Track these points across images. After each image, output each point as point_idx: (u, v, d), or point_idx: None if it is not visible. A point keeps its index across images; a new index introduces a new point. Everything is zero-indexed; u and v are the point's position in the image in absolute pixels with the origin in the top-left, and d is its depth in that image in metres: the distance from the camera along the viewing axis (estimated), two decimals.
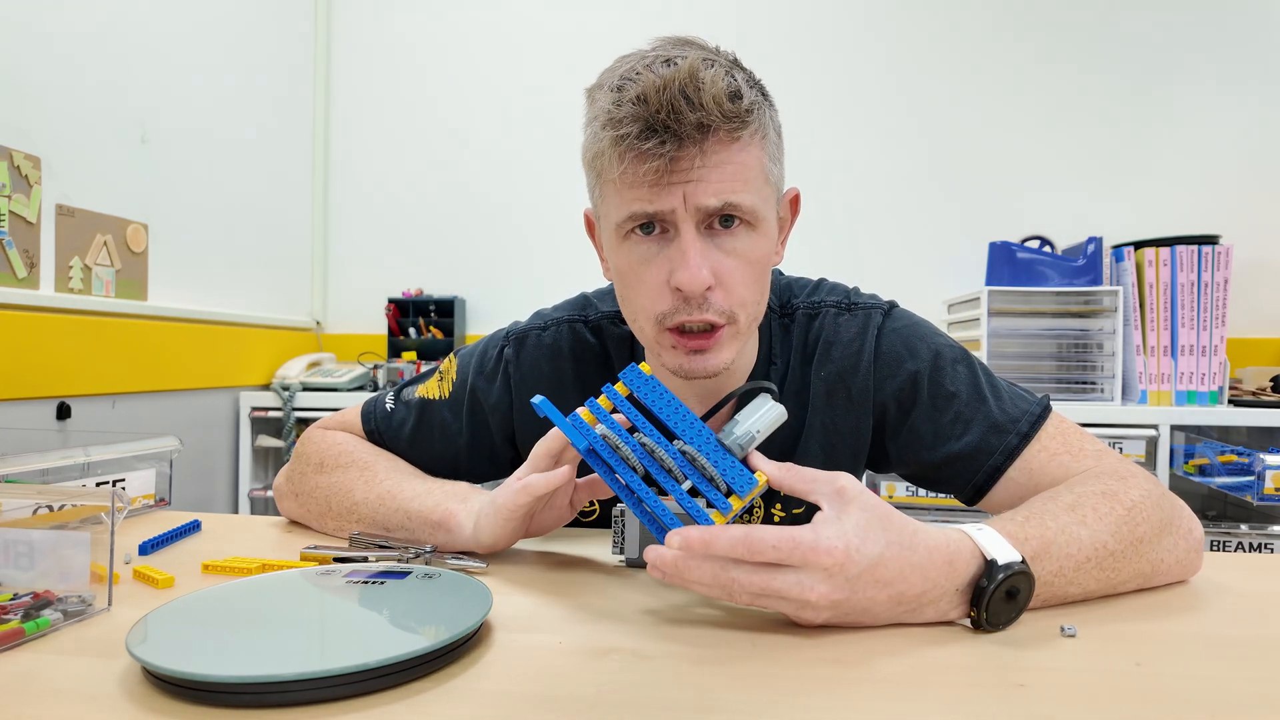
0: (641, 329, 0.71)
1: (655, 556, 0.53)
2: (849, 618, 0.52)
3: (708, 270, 0.65)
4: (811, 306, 0.81)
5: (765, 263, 0.70)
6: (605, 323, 0.84)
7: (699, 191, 0.63)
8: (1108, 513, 0.60)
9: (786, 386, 0.80)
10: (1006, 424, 0.73)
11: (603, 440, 0.59)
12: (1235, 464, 1.73)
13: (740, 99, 0.63)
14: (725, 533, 0.50)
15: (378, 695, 0.42)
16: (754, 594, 0.51)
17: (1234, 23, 2.16)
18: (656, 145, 0.61)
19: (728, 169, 0.64)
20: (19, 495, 0.71)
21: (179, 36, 1.90)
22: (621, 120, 0.62)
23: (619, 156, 0.63)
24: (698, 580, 0.52)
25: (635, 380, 0.59)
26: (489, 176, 2.44)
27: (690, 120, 0.61)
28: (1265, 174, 2.15)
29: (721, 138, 0.63)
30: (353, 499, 0.77)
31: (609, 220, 0.69)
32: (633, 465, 0.59)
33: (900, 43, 2.31)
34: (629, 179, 0.64)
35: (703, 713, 0.41)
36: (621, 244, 0.69)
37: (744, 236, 0.67)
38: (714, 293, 0.66)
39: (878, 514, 0.52)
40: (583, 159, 0.70)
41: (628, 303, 0.72)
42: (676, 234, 0.65)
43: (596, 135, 0.65)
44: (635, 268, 0.68)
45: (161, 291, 1.85)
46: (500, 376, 0.84)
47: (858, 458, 0.81)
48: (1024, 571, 0.52)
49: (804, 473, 0.55)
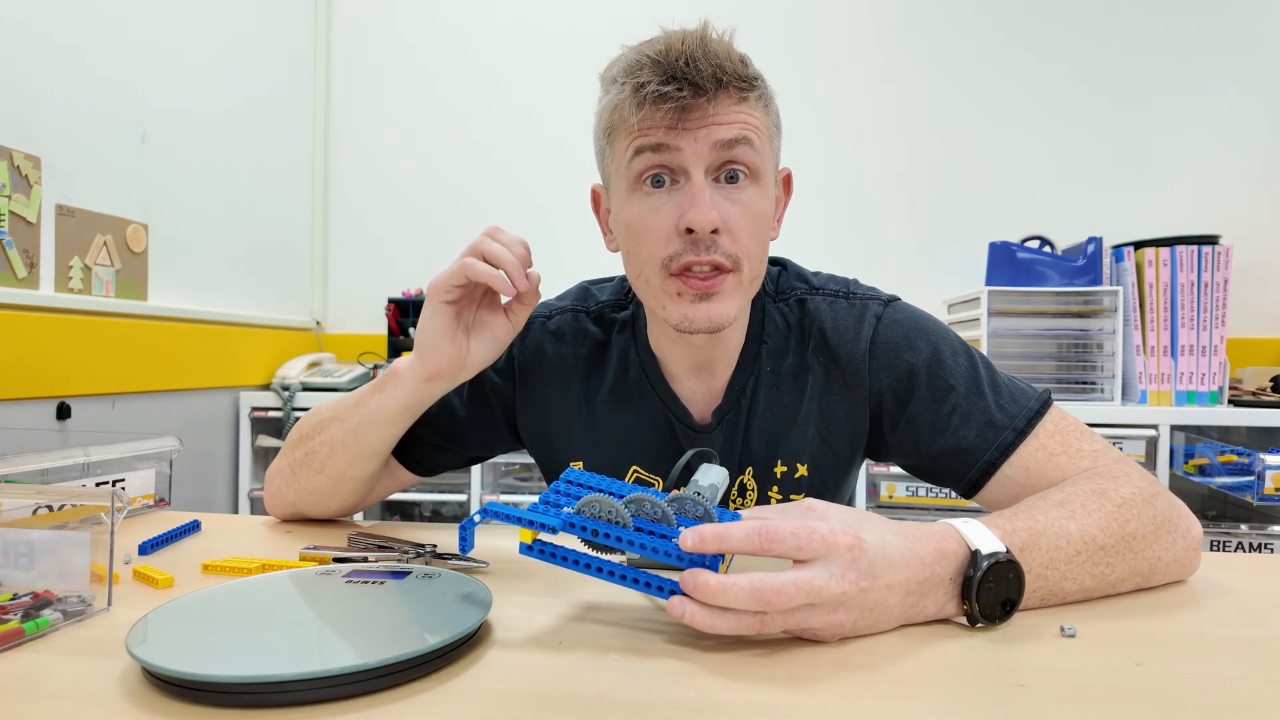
0: (648, 280, 0.73)
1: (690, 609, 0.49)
2: (868, 615, 0.50)
3: (716, 211, 0.69)
4: (808, 291, 0.83)
5: (767, 219, 0.74)
6: (606, 310, 0.86)
7: (711, 133, 0.68)
8: (1096, 509, 0.60)
9: (784, 368, 0.81)
10: (1004, 420, 0.73)
11: (577, 510, 0.54)
12: (1235, 464, 1.73)
13: (748, 65, 0.70)
14: (740, 526, 0.50)
15: (378, 695, 0.42)
16: (791, 600, 0.47)
17: (1234, 23, 2.16)
18: (674, 90, 0.66)
19: (737, 118, 0.69)
20: (19, 495, 0.71)
21: (179, 36, 1.90)
22: (642, 69, 0.68)
23: (638, 104, 0.68)
24: (737, 603, 0.47)
25: (580, 476, 0.62)
26: (489, 176, 2.44)
27: (706, 71, 0.66)
28: (1265, 174, 2.15)
29: (732, 93, 0.68)
30: (323, 424, 0.81)
31: (620, 177, 0.73)
32: (619, 520, 0.53)
33: (901, 42, 2.31)
34: (646, 122, 0.69)
35: (703, 713, 0.41)
36: (631, 196, 0.72)
37: (749, 189, 0.71)
38: (721, 237, 0.70)
39: (855, 513, 0.54)
40: (595, 128, 0.76)
41: (634, 255, 0.74)
42: (687, 181, 0.69)
43: (616, 93, 0.70)
44: (644, 217, 0.71)
45: (161, 291, 1.85)
46: (504, 358, 0.86)
47: (856, 446, 0.81)
48: (1010, 561, 0.52)
49: (768, 510, 0.56)
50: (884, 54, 2.31)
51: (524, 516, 0.54)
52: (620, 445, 0.84)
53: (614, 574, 0.53)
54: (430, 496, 2.16)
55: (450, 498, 2.12)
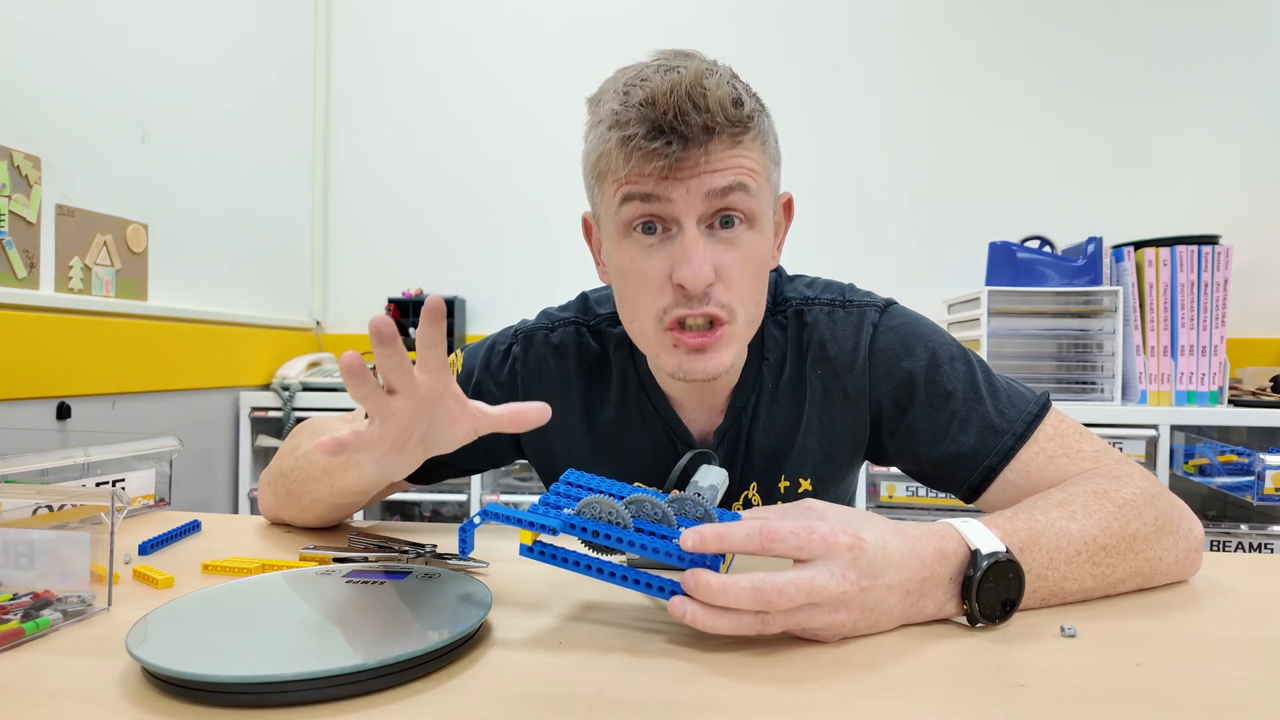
0: (642, 329, 0.71)
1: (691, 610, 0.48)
2: (869, 615, 0.50)
3: (710, 266, 0.66)
4: (804, 303, 0.81)
5: (764, 264, 0.71)
6: (604, 325, 0.85)
7: (703, 183, 0.65)
8: (1097, 509, 0.60)
9: (783, 383, 0.80)
10: (1003, 425, 0.73)
11: (577, 512, 0.54)
12: (1235, 464, 1.73)
13: (742, 106, 0.65)
14: (740, 526, 0.50)
15: (378, 695, 0.42)
16: (792, 599, 0.47)
17: (1234, 23, 2.16)
18: (663, 145, 0.63)
19: (731, 164, 0.65)
20: (19, 495, 0.70)
21: (179, 36, 1.90)
22: (629, 121, 0.64)
23: (625, 156, 0.64)
24: (738, 602, 0.47)
25: (579, 478, 0.62)
26: (489, 176, 2.44)
27: (696, 123, 0.62)
28: (1265, 174, 2.15)
29: (725, 140, 0.65)
30: (306, 480, 0.78)
31: (610, 220, 0.70)
32: (619, 520, 0.53)
33: (901, 42, 2.31)
34: (634, 177, 0.65)
35: (703, 713, 0.41)
36: (622, 242, 0.69)
37: (744, 235, 0.68)
38: (715, 288, 0.67)
39: (855, 513, 0.54)
40: (584, 164, 0.72)
41: (627, 302, 0.72)
42: (679, 231, 0.66)
43: (602, 137, 0.66)
44: (637, 264, 0.68)
45: (161, 291, 1.85)
46: (507, 372, 0.85)
47: (856, 454, 0.81)
48: (1010, 560, 0.53)
49: (769, 510, 0.56)
50: (884, 54, 2.31)
51: (524, 518, 0.54)
52: (622, 465, 0.83)
53: (614, 575, 0.53)
54: (430, 496, 2.16)
55: (450, 497, 2.12)
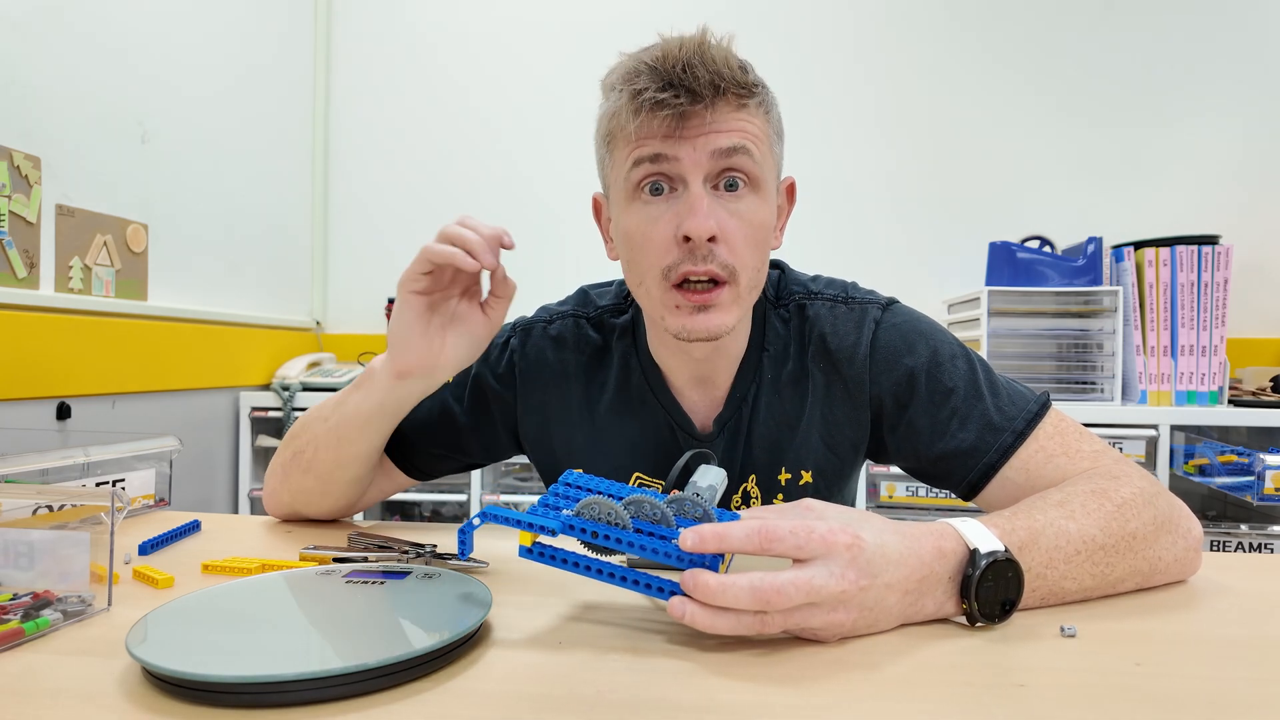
0: (648, 290, 0.73)
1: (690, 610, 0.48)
2: (868, 615, 0.50)
3: (714, 220, 0.68)
4: (807, 296, 0.82)
5: (767, 229, 0.73)
6: (605, 316, 0.86)
7: (709, 141, 0.67)
8: (1096, 509, 0.60)
9: (785, 375, 0.81)
10: (1002, 423, 0.73)
11: (576, 513, 0.54)
12: (1235, 464, 1.73)
13: (748, 71, 0.69)
14: (739, 526, 0.50)
15: (378, 695, 0.42)
16: (790, 599, 0.47)
17: (1233, 23, 2.16)
18: (671, 97, 0.65)
19: (736, 126, 0.68)
20: (19, 495, 0.70)
21: (179, 37, 1.90)
22: (639, 76, 0.67)
23: (635, 111, 0.67)
24: (737, 603, 0.47)
25: (579, 479, 0.62)
26: (489, 176, 2.44)
27: (704, 78, 0.65)
28: (1265, 175, 2.15)
29: (730, 100, 0.68)
30: (308, 423, 0.82)
31: (619, 186, 0.72)
32: (618, 521, 0.53)
33: (900, 42, 2.31)
34: (644, 131, 0.68)
35: (703, 713, 0.41)
36: (630, 205, 0.71)
37: (748, 199, 0.70)
38: (718, 245, 0.69)
39: (854, 512, 0.54)
40: (596, 135, 0.75)
41: (634, 264, 0.73)
42: (685, 189, 0.69)
43: (614, 100, 0.69)
44: (643, 226, 0.70)
45: (161, 291, 1.85)
46: (505, 365, 0.86)
47: (858, 449, 0.82)
48: (1009, 559, 0.53)
49: (767, 510, 0.57)
50: (884, 54, 2.31)
51: (523, 519, 0.54)
52: (622, 453, 0.83)
53: (613, 575, 0.53)
54: (430, 496, 2.16)
55: (450, 498, 2.12)
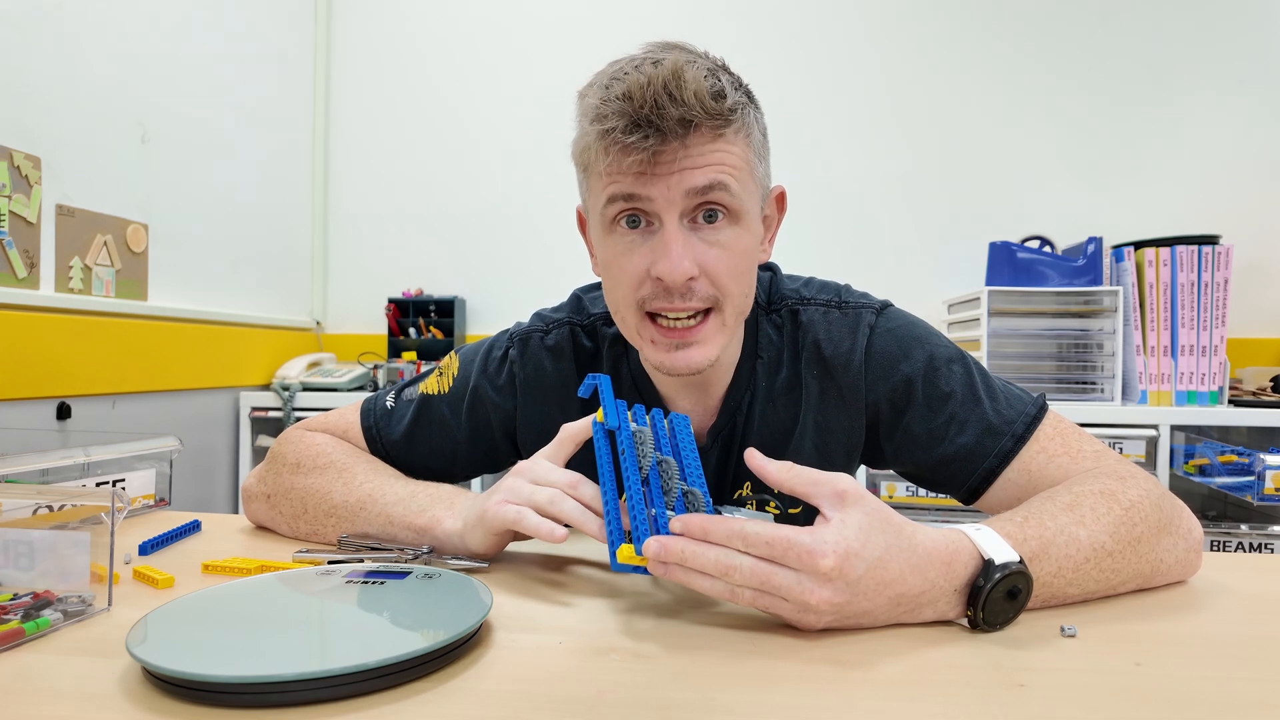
0: (624, 319, 0.72)
1: (659, 547, 0.52)
2: (849, 620, 0.52)
3: (690, 261, 0.66)
4: (800, 302, 0.81)
5: (750, 258, 0.71)
6: (598, 324, 0.85)
7: (683, 180, 0.65)
8: (1105, 513, 0.60)
9: (779, 383, 0.80)
10: (1001, 426, 0.73)
11: (633, 436, 0.62)
12: (1235, 464, 1.73)
13: (723, 98, 0.65)
14: (724, 523, 0.51)
15: (378, 695, 0.42)
16: (756, 588, 0.50)
17: (1233, 23, 2.16)
18: (640, 139, 0.63)
19: (711, 159, 0.65)
20: (19, 495, 0.70)
21: (179, 36, 1.90)
22: (607, 115, 0.64)
23: (604, 150, 0.65)
24: (700, 566, 0.51)
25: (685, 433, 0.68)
26: (489, 176, 2.44)
27: (673, 115, 0.62)
28: (1265, 175, 2.15)
29: (704, 133, 0.64)
30: (331, 501, 0.76)
31: (596, 213, 0.71)
32: (641, 467, 0.60)
33: (899, 41, 2.31)
34: (614, 171, 0.66)
35: (703, 713, 0.41)
36: (607, 236, 0.70)
37: (727, 230, 0.68)
38: (698, 282, 0.67)
39: (878, 516, 0.52)
40: (572, 155, 0.73)
41: (611, 294, 0.73)
42: (660, 227, 0.67)
43: (584, 131, 0.67)
44: (619, 258, 0.69)
45: (161, 291, 1.85)
46: (505, 376, 0.85)
47: (852, 456, 0.81)
48: (1022, 571, 0.52)
49: (805, 474, 0.55)
50: (884, 54, 2.31)
51: (611, 403, 0.66)
52: None
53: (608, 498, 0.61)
54: None
55: None
